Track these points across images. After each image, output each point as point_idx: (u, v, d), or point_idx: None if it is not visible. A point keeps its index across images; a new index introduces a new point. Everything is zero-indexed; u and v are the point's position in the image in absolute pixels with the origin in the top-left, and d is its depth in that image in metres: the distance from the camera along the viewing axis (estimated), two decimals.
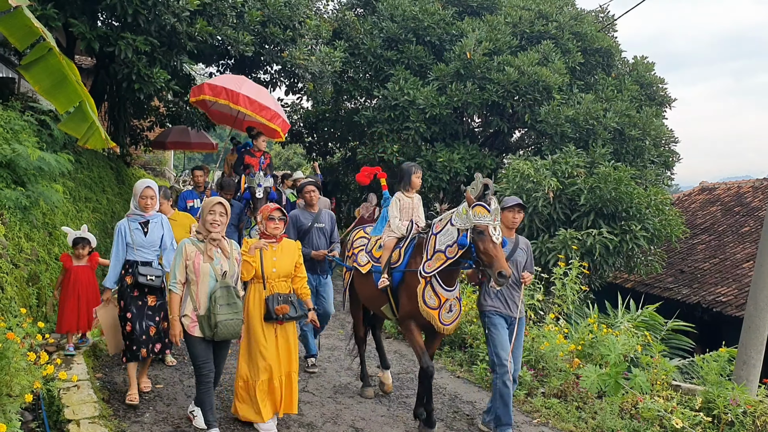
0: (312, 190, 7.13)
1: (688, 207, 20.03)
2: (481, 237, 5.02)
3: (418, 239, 5.79)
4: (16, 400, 3.73)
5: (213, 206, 4.86)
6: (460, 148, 15.09)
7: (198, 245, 4.87)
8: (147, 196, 5.60)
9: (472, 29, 15.36)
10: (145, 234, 5.57)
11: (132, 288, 5.54)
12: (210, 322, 4.73)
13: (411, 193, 6.23)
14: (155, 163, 20.98)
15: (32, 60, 4.22)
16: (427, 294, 5.44)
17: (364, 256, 6.31)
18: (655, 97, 17.09)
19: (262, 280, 5.15)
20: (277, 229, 5.25)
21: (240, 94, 9.18)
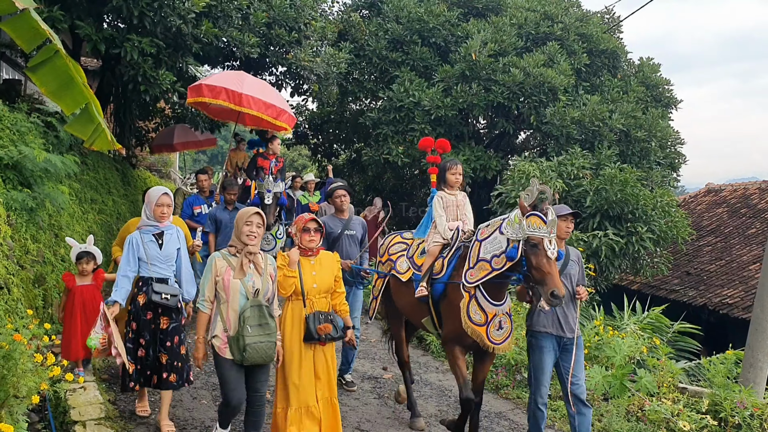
0: (343, 195, 6.61)
1: (694, 209, 19.97)
2: (535, 251, 4.54)
3: (464, 249, 5.29)
4: (23, 402, 3.73)
5: (249, 217, 4.42)
6: (465, 149, 15.07)
7: (229, 259, 4.42)
8: (163, 204, 5.08)
9: (478, 31, 15.34)
10: (160, 247, 5.05)
11: (145, 309, 5.01)
12: (239, 345, 4.27)
13: (453, 190, 5.78)
14: (161, 164, 21.02)
15: (39, 62, 4.23)
16: (472, 309, 4.96)
17: (405, 262, 5.89)
18: (661, 98, 17.04)
19: (302, 296, 4.73)
20: (313, 241, 4.84)
21: (242, 94, 8.73)
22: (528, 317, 5.29)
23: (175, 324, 5.10)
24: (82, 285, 5.84)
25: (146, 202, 5.16)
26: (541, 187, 4.82)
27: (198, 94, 8.80)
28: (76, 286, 5.82)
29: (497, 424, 6.23)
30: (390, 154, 15.07)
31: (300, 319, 4.73)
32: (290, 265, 4.77)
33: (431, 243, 5.59)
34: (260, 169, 9.15)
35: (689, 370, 8.93)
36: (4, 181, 6.31)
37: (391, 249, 6.22)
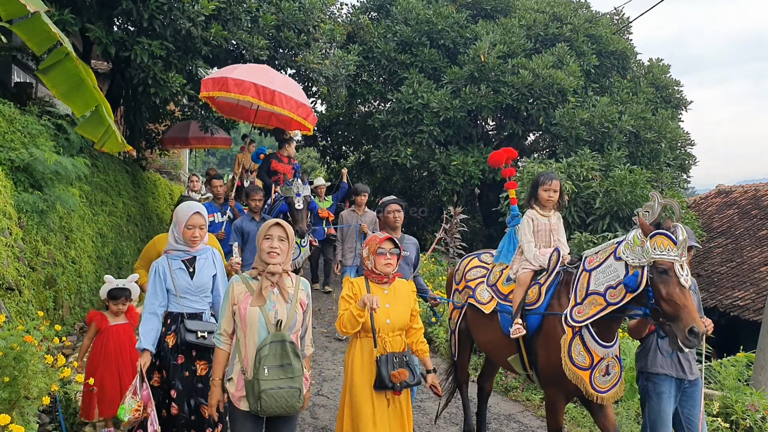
0: (396, 210, 5.63)
1: (704, 210, 19.85)
2: (664, 278, 3.76)
3: (564, 275, 4.55)
4: (34, 403, 3.75)
5: (269, 229, 3.57)
6: (474, 151, 15.06)
7: (249, 284, 3.57)
8: (195, 225, 4.19)
9: (486, 32, 15.34)
10: (191, 275, 4.20)
11: (175, 351, 4.13)
12: (254, 390, 3.38)
13: (547, 211, 4.98)
14: (170, 166, 21.09)
15: (50, 64, 4.25)
16: (576, 349, 4.19)
17: (486, 290, 5.12)
18: (670, 99, 16.99)
19: (372, 334, 3.95)
20: (390, 265, 4.04)
21: (275, 91, 8.02)
22: (639, 357, 4.57)
23: None
24: (116, 325, 4.93)
25: (174, 221, 4.27)
26: (665, 200, 4.06)
27: (221, 87, 8.09)
28: (109, 326, 4.88)
29: (507, 426, 6.21)
30: (399, 155, 15.08)
31: (371, 361, 3.97)
32: (360, 303, 3.88)
33: (520, 269, 4.82)
34: (275, 173, 8.67)
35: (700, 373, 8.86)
36: (15, 184, 6.36)
37: (469, 274, 5.47)
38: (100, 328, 4.84)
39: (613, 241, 4.27)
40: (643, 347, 4.54)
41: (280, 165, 8.80)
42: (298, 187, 7.85)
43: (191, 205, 4.26)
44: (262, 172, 8.90)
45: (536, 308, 4.55)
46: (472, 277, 5.39)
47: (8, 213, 5.87)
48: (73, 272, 7.39)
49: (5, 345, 3.60)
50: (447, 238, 12.27)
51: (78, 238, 7.85)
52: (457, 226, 12.40)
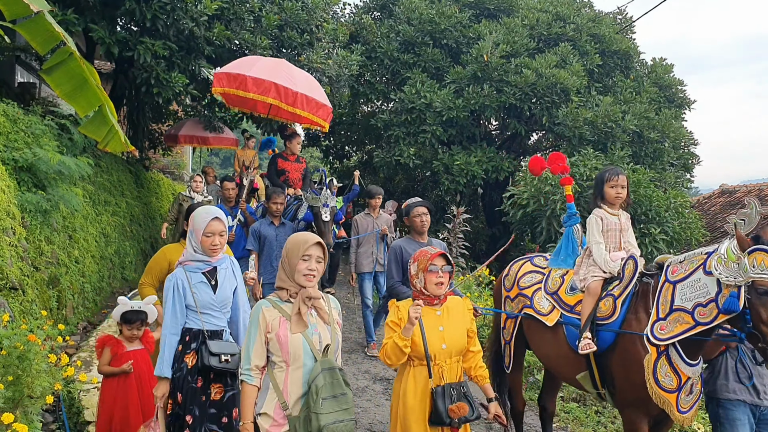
0: (424, 214, 5.33)
1: (708, 210, 19.81)
2: (766, 300, 3.38)
3: (642, 285, 4.14)
4: (38, 402, 3.76)
5: (308, 249, 3.16)
6: (477, 151, 15.04)
7: (281, 307, 3.17)
8: (214, 232, 3.80)
9: (489, 32, 15.32)
10: (213, 289, 3.83)
11: (194, 373, 3.75)
12: (310, 427, 2.98)
13: (615, 209, 4.55)
14: (174, 167, 21.13)
15: (53, 64, 4.27)
16: (662, 370, 3.79)
17: (545, 299, 4.67)
18: (674, 99, 16.96)
19: (426, 362, 3.53)
20: (442, 285, 3.60)
21: (297, 93, 7.65)
22: (709, 380, 4.20)
23: (231, 392, 3.83)
24: (133, 351, 4.44)
25: (191, 228, 3.86)
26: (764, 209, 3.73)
27: (238, 86, 7.66)
28: (125, 352, 4.39)
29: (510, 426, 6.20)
30: (401, 155, 15.07)
31: (425, 393, 3.53)
32: (405, 332, 3.46)
33: (589, 277, 4.37)
34: (283, 172, 8.18)
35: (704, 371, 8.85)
36: (18, 183, 6.37)
37: (522, 280, 4.99)
38: (116, 354, 4.30)
39: (700, 251, 3.89)
40: (712, 370, 4.18)
41: (287, 164, 8.33)
42: (326, 198, 7.18)
43: (209, 210, 3.88)
44: (272, 174, 8.32)
45: (610, 323, 4.12)
46: (527, 284, 4.90)
47: (12, 213, 5.88)
48: (76, 272, 7.41)
49: (9, 344, 3.61)
50: (450, 238, 12.25)
51: (81, 238, 7.87)
52: (460, 225, 12.40)
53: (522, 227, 13.28)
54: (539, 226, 12.35)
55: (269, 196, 7.06)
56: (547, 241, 12.17)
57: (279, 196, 7.02)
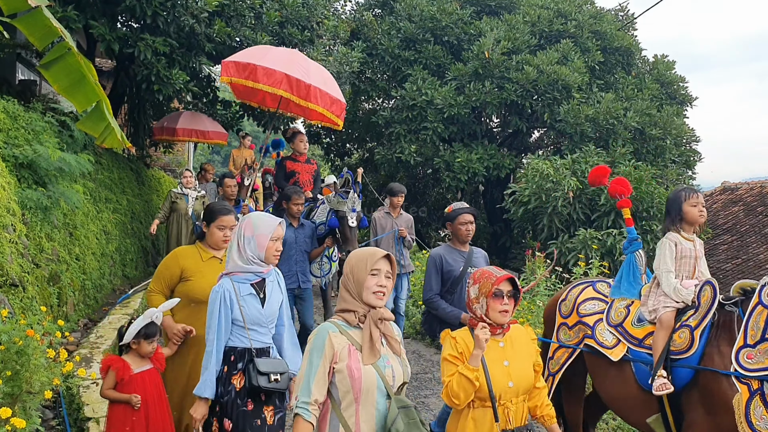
0: (470, 222, 4.85)
1: (710, 207, 19.78)
2: None
3: (723, 315, 3.69)
4: (36, 397, 3.75)
5: (376, 262, 2.73)
6: (478, 148, 15.03)
7: (350, 333, 2.69)
8: (279, 237, 3.50)
9: (491, 28, 15.31)
10: (262, 303, 3.47)
11: (243, 396, 3.39)
12: None
13: (691, 233, 4.11)
14: (174, 164, 21.12)
15: (51, 59, 4.24)
16: (756, 412, 3.30)
17: (609, 331, 4.17)
18: (675, 95, 16.94)
19: (491, 403, 3.01)
20: (507, 313, 3.07)
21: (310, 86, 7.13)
22: None
23: (280, 414, 3.51)
24: (142, 372, 3.87)
25: (246, 234, 3.45)
26: None
27: (248, 76, 7.19)
28: (133, 375, 3.82)
29: None
30: (402, 153, 15.06)
31: None
32: (473, 360, 2.96)
33: (660, 307, 3.92)
34: (293, 174, 7.62)
35: None
36: (19, 180, 6.36)
37: (583, 308, 4.47)
38: (122, 379, 3.78)
39: None
40: None
41: (297, 165, 7.75)
42: (354, 202, 6.56)
43: (269, 215, 3.59)
44: (279, 177, 7.78)
45: (687, 358, 3.64)
46: (588, 312, 4.39)
47: (12, 209, 5.87)
48: (77, 269, 7.40)
49: (8, 339, 3.60)
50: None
51: (82, 235, 7.86)
52: None
53: (523, 224, 13.27)
54: (540, 223, 12.33)
55: (288, 197, 6.48)
56: (548, 238, 12.16)
57: (299, 196, 6.48)
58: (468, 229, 4.86)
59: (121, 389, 3.77)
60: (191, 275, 3.97)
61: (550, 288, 8.91)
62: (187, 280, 3.98)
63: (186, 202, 9.41)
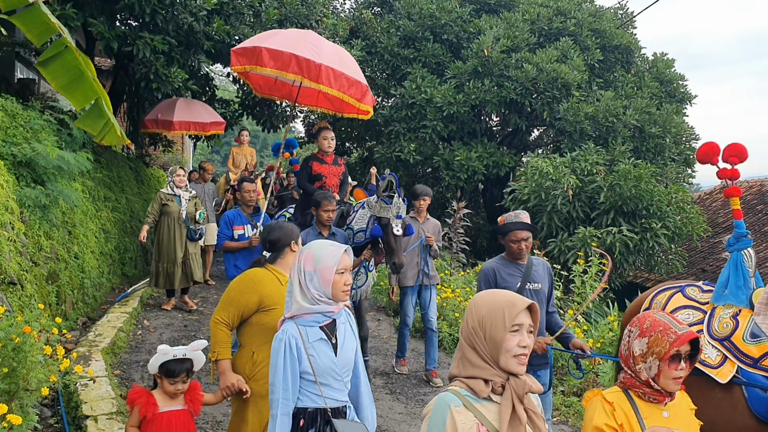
0: (522, 240, 4.24)
1: (709, 205, 19.77)
2: None
3: None
4: (33, 394, 3.75)
5: (519, 314, 2.12)
6: (477, 146, 15.02)
7: (478, 409, 2.09)
8: (346, 269, 2.85)
9: (490, 27, 15.30)
10: (335, 349, 2.81)
11: None
12: None
13: None
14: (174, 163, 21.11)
15: (49, 57, 4.23)
16: None
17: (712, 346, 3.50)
18: (675, 94, 16.92)
19: None
20: (679, 380, 2.42)
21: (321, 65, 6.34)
22: None
23: None
24: (170, 411, 3.44)
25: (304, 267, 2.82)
26: None
27: (254, 60, 6.52)
28: (159, 414, 3.40)
29: None
30: (402, 151, 15.06)
31: None
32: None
33: None
34: (319, 177, 6.81)
35: None
36: (17, 178, 6.36)
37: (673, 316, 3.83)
38: (145, 416, 3.34)
39: None
40: None
41: (323, 167, 6.83)
42: (398, 207, 5.77)
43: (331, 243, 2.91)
44: (303, 179, 6.90)
45: None
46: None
47: (10, 207, 5.87)
48: (76, 267, 7.40)
49: (4, 336, 3.60)
50: (450, 233, 12.23)
51: (81, 234, 7.86)
52: (461, 221, 12.38)
53: None
54: (540, 221, 12.33)
55: (318, 203, 5.77)
56: (547, 237, 12.16)
57: (330, 202, 5.75)
58: (520, 247, 4.24)
59: (145, 428, 3.34)
60: (273, 304, 3.37)
61: None
62: (268, 309, 3.38)
63: (178, 204, 8.33)
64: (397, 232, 5.73)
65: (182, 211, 8.35)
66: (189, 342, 7.18)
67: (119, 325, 7.02)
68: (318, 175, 6.78)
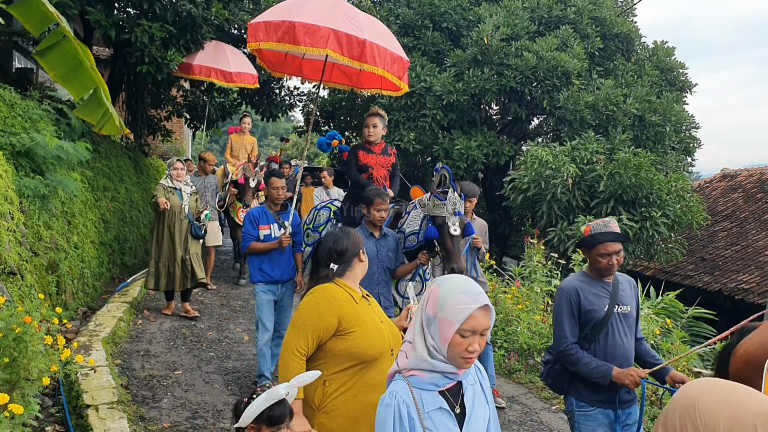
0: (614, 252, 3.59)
1: (709, 194, 19.78)
2: None
3: None
4: (34, 384, 3.76)
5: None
6: (477, 135, 14.99)
7: None
8: (476, 329, 2.03)
9: (490, 15, 15.22)
10: (459, 421, 2.12)
11: None
12: None
13: None
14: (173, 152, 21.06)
15: (47, 46, 4.22)
16: None
17: None
18: (675, 82, 16.87)
19: None
20: None
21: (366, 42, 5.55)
22: None
23: None
24: None
25: (426, 306, 2.11)
26: None
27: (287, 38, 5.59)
28: None
29: (510, 408, 6.20)
30: (401, 140, 15.01)
31: None
32: None
33: None
34: (366, 168, 6.07)
35: (704, 355, 8.87)
36: (16, 168, 6.35)
37: None
38: None
39: None
40: None
41: (370, 157, 6.05)
42: (455, 203, 5.06)
43: (466, 285, 2.08)
44: (352, 169, 6.11)
45: None
46: None
47: (10, 198, 5.86)
48: (75, 257, 7.40)
49: (5, 326, 3.60)
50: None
51: (80, 224, 7.85)
52: None
53: (522, 212, 13.26)
54: (540, 210, 12.33)
55: (370, 200, 5.03)
56: (547, 225, 12.16)
57: (384, 200, 5.05)
58: (611, 262, 3.59)
59: None
60: (352, 325, 2.91)
61: (548, 275, 8.91)
62: (348, 332, 2.90)
63: (179, 198, 7.64)
64: (454, 232, 4.99)
65: (184, 205, 7.64)
66: (190, 331, 7.27)
67: (119, 314, 7.03)
68: (364, 165, 6.04)
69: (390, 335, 3.00)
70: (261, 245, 5.68)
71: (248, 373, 6.24)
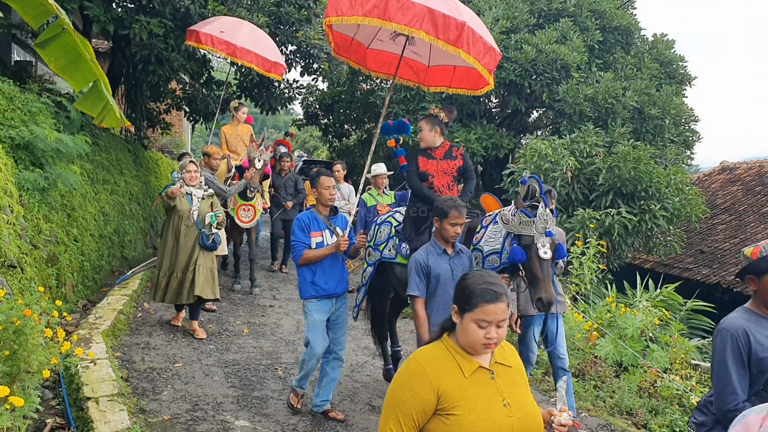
0: None
1: (708, 187, 19.80)
2: None
3: None
4: (35, 376, 3.77)
5: None
6: (477, 128, 14.98)
7: None
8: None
9: (489, 7, 15.19)
10: None
11: None
12: None
13: None
14: (172, 146, 21.05)
15: (47, 38, 4.21)
16: None
17: None
18: (675, 75, 16.83)
19: None
20: None
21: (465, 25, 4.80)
22: None
23: None
24: None
25: None
26: None
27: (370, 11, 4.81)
28: None
29: None
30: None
31: None
32: None
33: None
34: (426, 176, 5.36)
35: (702, 348, 8.91)
36: (15, 161, 6.35)
37: None
38: None
39: None
40: None
41: (431, 163, 5.39)
42: (545, 221, 4.38)
43: None
44: (413, 177, 5.41)
45: None
46: None
47: (9, 191, 5.87)
48: (75, 250, 7.41)
49: (5, 319, 3.61)
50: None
51: (80, 217, 7.86)
52: None
53: None
54: None
55: (445, 213, 4.40)
56: None
57: (460, 213, 4.41)
58: None
59: None
60: (455, 404, 2.26)
61: None
62: (447, 414, 2.25)
63: (189, 203, 6.90)
64: (544, 255, 4.31)
65: (193, 211, 6.88)
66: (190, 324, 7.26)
67: (119, 307, 7.04)
68: (424, 173, 5.36)
69: (517, 423, 2.25)
70: (316, 253, 5.00)
71: (248, 365, 6.26)
